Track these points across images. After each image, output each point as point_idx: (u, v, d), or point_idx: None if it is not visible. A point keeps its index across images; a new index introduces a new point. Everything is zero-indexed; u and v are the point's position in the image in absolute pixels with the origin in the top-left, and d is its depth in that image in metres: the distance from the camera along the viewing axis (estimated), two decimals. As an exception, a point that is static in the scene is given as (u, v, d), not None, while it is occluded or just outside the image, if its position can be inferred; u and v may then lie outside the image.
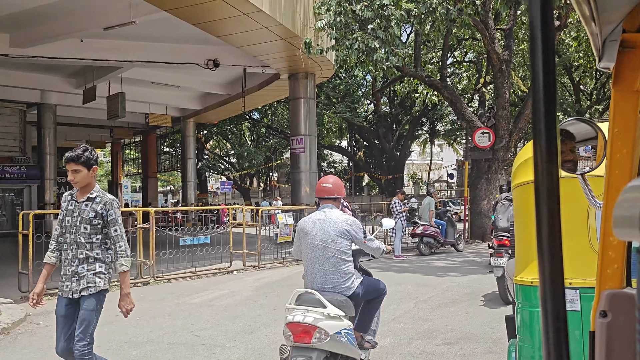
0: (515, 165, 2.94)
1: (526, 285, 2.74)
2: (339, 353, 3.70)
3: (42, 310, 7.21)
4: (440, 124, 35.97)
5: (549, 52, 0.65)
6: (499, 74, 14.61)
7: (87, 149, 3.64)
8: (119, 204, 3.72)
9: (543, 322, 0.65)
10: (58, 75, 19.69)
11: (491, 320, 6.24)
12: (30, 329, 6.19)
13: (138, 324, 6.35)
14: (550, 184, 0.64)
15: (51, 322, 6.54)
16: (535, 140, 0.65)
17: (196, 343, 5.51)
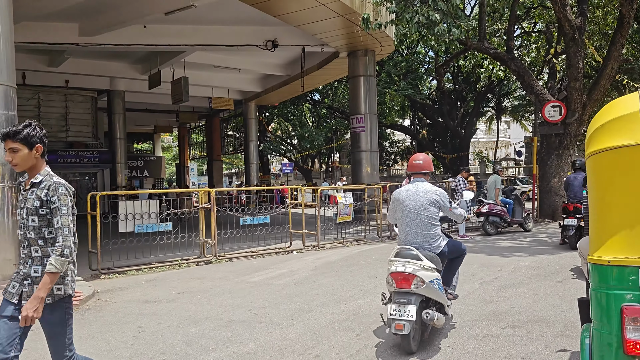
0: (590, 130, 2.63)
1: (603, 265, 2.46)
2: (432, 298, 4.51)
3: (108, 287, 7.51)
4: (507, 100, 34.51)
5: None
6: (571, 43, 13.68)
7: (30, 125, 2.92)
8: (68, 189, 2.92)
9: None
10: (125, 62, 20.38)
11: (562, 302, 5.86)
12: (97, 305, 6.42)
13: (199, 302, 6.45)
14: None
15: (117, 299, 6.78)
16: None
17: (254, 321, 5.51)
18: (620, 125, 2.45)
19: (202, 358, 4.48)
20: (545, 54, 18.78)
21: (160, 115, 31.56)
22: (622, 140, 2.40)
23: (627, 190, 2.40)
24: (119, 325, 5.54)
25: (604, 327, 2.43)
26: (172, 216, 9.80)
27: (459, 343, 4.64)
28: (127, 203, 8.97)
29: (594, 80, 14.61)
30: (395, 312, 4.35)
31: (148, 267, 8.86)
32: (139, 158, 32.81)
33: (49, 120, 21.28)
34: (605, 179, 2.50)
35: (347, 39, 15.47)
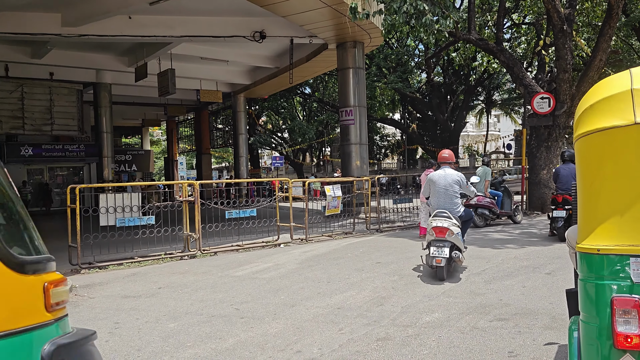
0: (579, 112, 2.48)
1: (592, 254, 2.31)
2: (456, 244, 6.73)
3: (87, 282, 7.32)
4: (497, 93, 34.51)
5: None
6: (560, 35, 13.58)
7: None
8: None
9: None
10: (110, 54, 20.05)
11: (550, 294, 5.75)
12: (74, 301, 6.22)
13: (179, 297, 6.28)
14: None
15: (95, 294, 6.59)
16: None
17: (235, 316, 5.35)
18: (610, 105, 2.30)
19: (179, 354, 4.32)
20: (534, 46, 18.72)
21: (148, 109, 31.21)
22: (612, 121, 2.26)
23: (617, 175, 2.26)
24: (95, 321, 5.35)
25: (593, 319, 2.29)
26: (154, 209, 9.59)
27: (445, 337, 4.52)
28: (108, 196, 8.74)
29: (583, 72, 14.56)
30: (435, 252, 6.53)
31: (130, 261, 8.67)
32: (127, 152, 32.51)
33: (33, 113, 20.94)
34: (595, 162, 2.35)
35: (336, 30, 15.28)
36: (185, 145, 38.26)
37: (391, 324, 4.94)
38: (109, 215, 8.60)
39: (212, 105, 31.90)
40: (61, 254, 8.94)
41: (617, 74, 2.44)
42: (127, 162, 31.13)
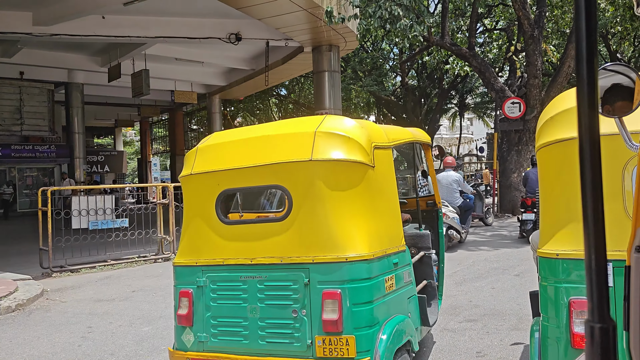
0: (540, 123, 2.61)
1: (551, 258, 2.44)
2: (453, 226, 9.23)
3: (59, 286, 7.24)
4: (470, 97, 35.05)
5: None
6: (530, 41, 13.92)
7: None
8: None
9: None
10: (84, 53, 19.75)
11: (518, 296, 5.92)
12: (46, 305, 6.16)
13: (153, 300, 6.27)
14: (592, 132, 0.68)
15: (68, 298, 6.53)
16: (578, 85, 0.71)
17: (209, 319, 5.37)
18: (569, 118, 2.43)
19: (153, 358, 4.34)
20: (506, 52, 19.12)
21: (121, 109, 30.79)
22: (570, 133, 2.38)
23: (575, 183, 2.39)
24: (67, 325, 5.32)
25: (553, 320, 2.41)
26: (128, 212, 9.53)
27: (416, 338, 4.62)
28: (80, 199, 8.65)
29: (552, 78, 14.95)
30: None
31: (103, 264, 8.60)
32: (99, 153, 32.03)
33: (2, 113, 20.51)
34: (554, 171, 2.48)
35: (311, 33, 15.36)
36: (159, 147, 37.87)
37: None
38: (82, 217, 8.51)
39: (186, 106, 31.66)
40: (32, 257, 8.85)
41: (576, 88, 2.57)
42: (100, 163, 30.68)
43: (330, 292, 2.82)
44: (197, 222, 3.31)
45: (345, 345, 2.79)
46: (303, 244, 2.96)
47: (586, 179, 0.69)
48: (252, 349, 3.01)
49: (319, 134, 3.02)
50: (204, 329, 3.15)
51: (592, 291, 0.71)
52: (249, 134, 3.45)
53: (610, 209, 2.22)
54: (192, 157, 3.44)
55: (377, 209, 3.13)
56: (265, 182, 3.22)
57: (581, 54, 0.69)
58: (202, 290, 3.17)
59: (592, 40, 0.69)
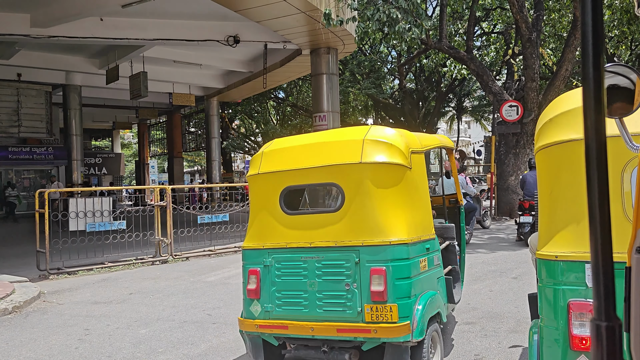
0: (539, 125, 2.60)
1: (550, 260, 2.43)
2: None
3: (56, 288, 7.22)
4: (467, 100, 35.11)
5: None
6: (527, 44, 13.96)
7: None
8: None
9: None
10: (81, 55, 19.73)
11: (516, 298, 5.92)
12: (42, 307, 6.14)
13: (151, 302, 6.25)
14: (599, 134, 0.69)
15: (65, 300, 6.51)
16: (584, 85, 0.70)
17: (207, 321, 5.36)
18: (568, 119, 2.43)
19: (150, 360, 4.32)
20: (503, 55, 19.16)
21: (119, 111, 30.75)
22: (570, 135, 2.39)
23: (573, 185, 2.39)
24: (64, 328, 5.30)
25: (551, 322, 2.41)
26: (125, 214, 9.51)
27: (414, 340, 4.61)
28: (78, 201, 8.63)
29: (550, 82, 14.98)
30: None
31: (100, 267, 8.57)
32: (97, 155, 32.01)
33: (0, 115, 20.44)
34: (553, 173, 2.48)
35: (310, 36, 15.37)
36: (157, 149, 37.82)
37: None
38: (79, 220, 8.49)
39: (184, 109, 31.64)
40: (29, 259, 8.82)
41: (576, 90, 2.58)
42: (97, 165, 30.65)
43: (377, 269, 3.45)
44: (263, 213, 3.92)
45: (389, 312, 3.42)
46: (354, 230, 3.58)
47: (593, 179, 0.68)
48: (312, 315, 3.59)
49: (367, 141, 3.67)
50: (270, 300, 3.72)
51: (599, 290, 0.70)
52: (306, 141, 4.08)
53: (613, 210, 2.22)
54: (258, 159, 4.04)
55: (413, 203, 3.77)
56: (322, 180, 3.87)
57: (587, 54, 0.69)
58: (268, 269, 3.76)
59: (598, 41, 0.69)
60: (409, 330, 3.39)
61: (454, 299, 4.43)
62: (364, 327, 3.46)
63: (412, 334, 3.40)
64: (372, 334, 3.44)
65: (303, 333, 3.62)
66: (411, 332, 3.40)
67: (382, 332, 3.42)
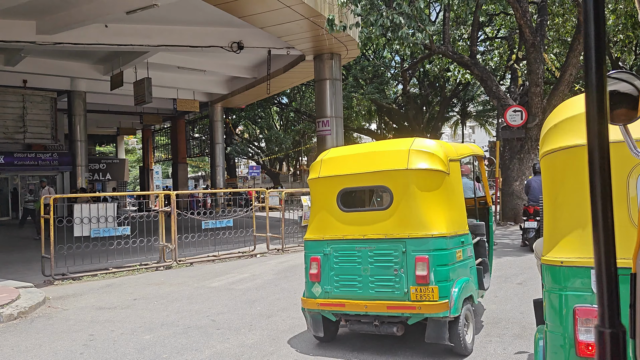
0: (544, 130, 2.60)
1: (555, 266, 2.42)
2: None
3: (61, 293, 7.23)
4: (471, 105, 35.06)
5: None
6: (531, 49, 13.95)
7: None
8: None
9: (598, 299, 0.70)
10: (86, 62, 19.84)
11: (521, 304, 5.90)
12: (48, 313, 6.15)
13: (155, 308, 6.25)
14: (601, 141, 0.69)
15: (69, 306, 6.52)
16: (586, 92, 0.71)
17: (211, 327, 5.35)
18: (573, 125, 2.43)
19: (155, 366, 4.32)
20: (507, 60, 19.16)
21: (123, 117, 30.88)
22: (575, 140, 2.38)
23: (579, 190, 2.38)
24: (69, 333, 5.31)
25: (557, 328, 2.39)
26: (130, 220, 9.52)
27: (419, 347, 4.60)
28: (82, 206, 8.65)
29: (554, 87, 14.95)
30: None
31: (105, 272, 8.58)
32: (101, 161, 32.10)
33: (5, 121, 20.56)
34: (558, 179, 2.47)
35: (313, 42, 15.42)
36: (161, 154, 37.93)
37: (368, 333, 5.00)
38: (84, 225, 8.51)
39: (188, 115, 31.75)
40: (34, 265, 8.84)
41: (580, 95, 2.58)
42: (102, 171, 30.74)
43: (421, 257, 4.15)
44: (322, 210, 4.62)
45: (431, 292, 4.11)
46: (401, 225, 4.28)
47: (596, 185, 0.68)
48: (365, 295, 4.31)
49: (412, 151, 4.34)
50: (329, 283, 4.46)
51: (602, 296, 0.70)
52: (359, 150, 4.89)
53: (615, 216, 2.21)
54: (317, 166, 4.76)
55: (450, 203, 4.40)
56: (374, 183, 4.63)
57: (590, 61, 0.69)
58: (327, 257, 4.48)
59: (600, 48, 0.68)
60: (448, 308, 4.08)
61: (483, 286, 5.13)
62: (410, 304, 4.16)
63: (450, 311, 4.09)
64: (417, 310, 4.14)
65: (358, 310, 4.34)
66: (449, 309, 4.08)
67: (425, 309, 4.11)
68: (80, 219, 8.52)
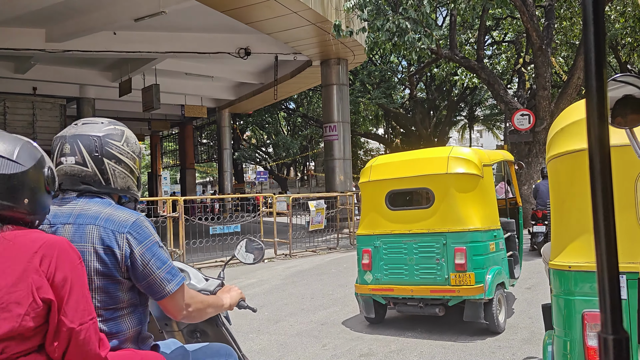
0: (551, 134, 2.59)
1: (564, 270, 2.41)
2: None
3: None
4: (479, 109, 34.98)
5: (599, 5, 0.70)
6: (539, 53, 13.91)
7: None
8: None
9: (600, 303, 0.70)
10: (95, 69, 20.01)
11: (530, 309, 5.86)
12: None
13: (163, 313, 6.27)
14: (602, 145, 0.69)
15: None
16: (587, 96, 0.71)
17: (219, 333, 5.36)
18: (580, 128, 2.42)
19: (163, 372, 4.32)
20: (514, 64, 19.11)
21: (132, 123, 31.03)
22: (581, 144, 2.37)
23: (586, 195, 2.37)
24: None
25: (566, 333, 2.38)
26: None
27: (427, 352, 4.59)
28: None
29: (562, 90, 14.90)
30: None
31: (113, 278, 8.62)
32: (110, 167, 32.21)
33: (15, 128, 20.68)
34: (565, 183, 2.46)
35: (320, 47, 15.47)
36: (169, 160, 38.13)
37: (374, 339, 5.00)
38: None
39: (196, 120, 31.91)
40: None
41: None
42: (110, 178, 30.89)
43: (460, 248, 4.83)
44: (372, 210, 5.34)
45: (468, 278, 4.79)
46: (442, 221, 4.97)
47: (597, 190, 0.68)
48: (411, 281, 5.02)
49: (451, 158, 5.02)
50: (379, 271, 5.18)
51: (605, 302, 0.70)
52: (404, 157, 5.58)
53: (623, 220, 2.20)
54: (367, 171, 5.47)
55: (484, 202, 5.06)
56: (418, 186, 5.39)
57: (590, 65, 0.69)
58: (378, 249, 5.20)
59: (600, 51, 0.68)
60: (483, 291, 4.73)
61: (514, 275, 5.76)
62: (450, 288, 4.84)
63: (485, 293, 4.74)
64: (456, 293, 4.83)
65: (405, 294, 5.06)
66: (484, 292, 4.73)
67: (464, 292, 4.80)
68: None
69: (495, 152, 6.08)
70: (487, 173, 5.15)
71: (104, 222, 1.60)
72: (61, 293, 1.33)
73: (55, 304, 1.32)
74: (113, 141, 1.75)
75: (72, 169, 1.67)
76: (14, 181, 1.36)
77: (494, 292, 4.85)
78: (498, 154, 6.04)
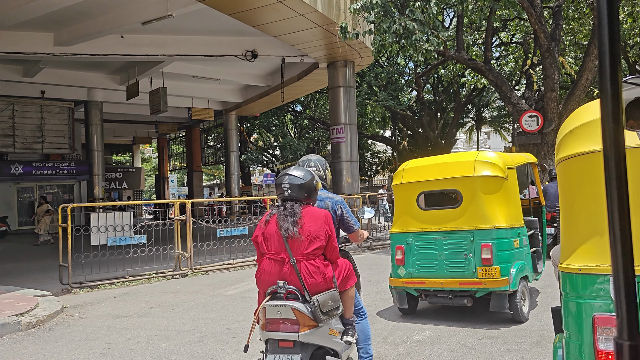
0: (560, 136, 2.57)
1: (573, 273, 2.39)
2: None
3: (78, 302, 7.30)
4: (486, 110, 34.82)
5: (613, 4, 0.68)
6: (547, 54, 13.83)
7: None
8: None
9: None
10: (102, 72, 20.12)
11: (539, 312, 5.82)
12: (66, 321, 6.20)
13: (171, 316, 6.28)
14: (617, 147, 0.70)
15: (87, 314, 6.57)
16: (601, 98, 0.72)
17: (227, 335, 5.36)
18: (589, 131, 2.40)
19: (171, 374, 4.33)
20: (522, 65, 19.02)
21: (139, 126, 31.22)
22: (591, 146, 2.35)
23: (596, 197, 2.35)
24: (86, 341, 5.35)
25: (576, 337, 2.35)
26: (146, 228, 9.59)
27: (436, 355, 4.56)
28: (99, 215, 8.75)
29: (570, 91, 14.80)
30: None
31: (121, 280, 8.65)
32: (117, 169, 32.42)
33: (24, 132, 20.91)
34: (575, 185, 2.44)
35: (327, 49, 15.47)
36: (177, 163, 38.22)
37: (382, 342, 4.97)
38: (100, 234, 8.59)
39: (203, 123, 32.00)
40: (52, 273, 8.95)
41: (596, 101, 2.54)
42: (118, 180, 31.05)
43: (486, 244, 5.24)
44: (405, 209, 5.77)
45: (494, 271, 5.20)
46: (469, 220, 5.38)
47: (612, 193, 0.67)
48: (441, 274, 5.46)
49: (477, 161, 5.45)
50: (411, 265, 5.63)
51: (620, 308, 0.69)
52: (433, 161, 5.95)
53: (637, 223, 2.17)
54: (400, 174, 5.89)
55: (508, 202, 5.45)
56: (447, 187, 5.76)
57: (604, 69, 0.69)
58: (410, 245, 5.64)
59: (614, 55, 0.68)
60: (508, 283, 5.14)
61: (537, 270, 6.19)
62: (477, 281, 5.27)
63: (509, 285, 5.14)
64: (483, 285, 5.26)
65: (435, 286, 5.51)
66: (509, 284, 5.14)
67: (490, 284, 5.21)
68: (97, 228, 8.61)
69: (519, 155, 6.47)
70: (511, 175, 5.52)
71: (330, 199, 3.55)
72: (332, 232, 3.14)
73: (331, 237, 3.14)
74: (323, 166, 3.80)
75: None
76: (305, 186, 3.15)
77: (518, 285, 5.22)
78: (522, 157, 6.40)
